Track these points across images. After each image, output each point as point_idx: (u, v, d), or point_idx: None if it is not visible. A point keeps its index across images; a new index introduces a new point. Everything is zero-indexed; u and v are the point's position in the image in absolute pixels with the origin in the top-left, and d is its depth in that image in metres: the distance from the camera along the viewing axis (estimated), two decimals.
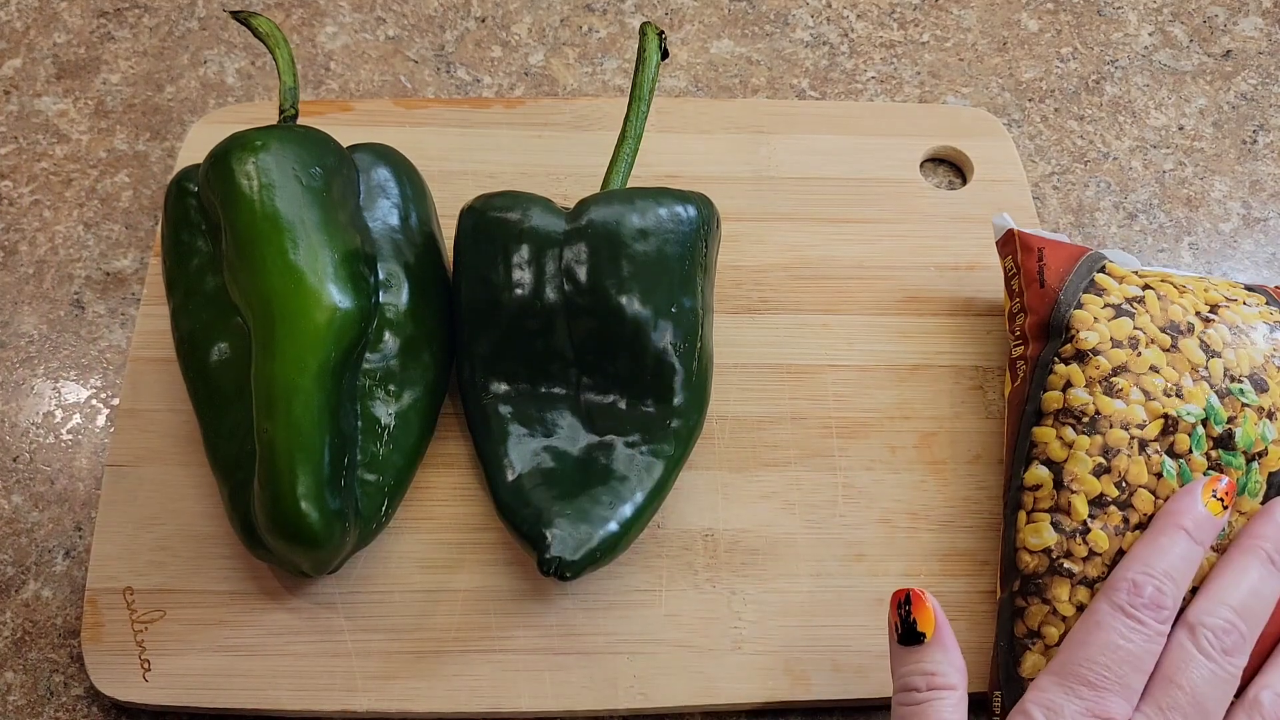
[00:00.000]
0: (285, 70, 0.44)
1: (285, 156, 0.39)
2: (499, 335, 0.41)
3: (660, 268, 0.40)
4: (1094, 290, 0.43)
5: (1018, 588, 0.40)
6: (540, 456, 0.41)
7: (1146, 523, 0.39)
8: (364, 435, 0.40)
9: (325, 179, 0.40)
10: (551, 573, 0.38)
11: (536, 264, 0.40)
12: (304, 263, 0.38)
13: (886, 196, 0.52)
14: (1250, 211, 0.55)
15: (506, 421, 0.41)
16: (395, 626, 0.41)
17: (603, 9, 0.60)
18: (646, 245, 0.40)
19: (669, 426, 0.41)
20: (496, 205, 0.42)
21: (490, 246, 0.41)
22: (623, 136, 0.44)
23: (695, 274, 0.41)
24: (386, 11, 0.59)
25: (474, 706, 0.40)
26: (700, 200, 0.42)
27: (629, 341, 0.40)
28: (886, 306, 0.49)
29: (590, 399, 0.42)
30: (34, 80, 0.56)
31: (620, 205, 0.40)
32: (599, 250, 0.40)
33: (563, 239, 0.40)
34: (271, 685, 0.40)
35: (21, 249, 0.51)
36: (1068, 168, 0.56)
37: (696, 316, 0.41)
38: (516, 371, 0.42)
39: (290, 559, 0.38)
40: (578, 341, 0.41)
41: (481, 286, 0.41)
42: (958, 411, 0.47)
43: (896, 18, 0.60)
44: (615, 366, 0.41)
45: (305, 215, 0.39)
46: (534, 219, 0.41)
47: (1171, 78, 0.59)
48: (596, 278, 0.40)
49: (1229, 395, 0.41)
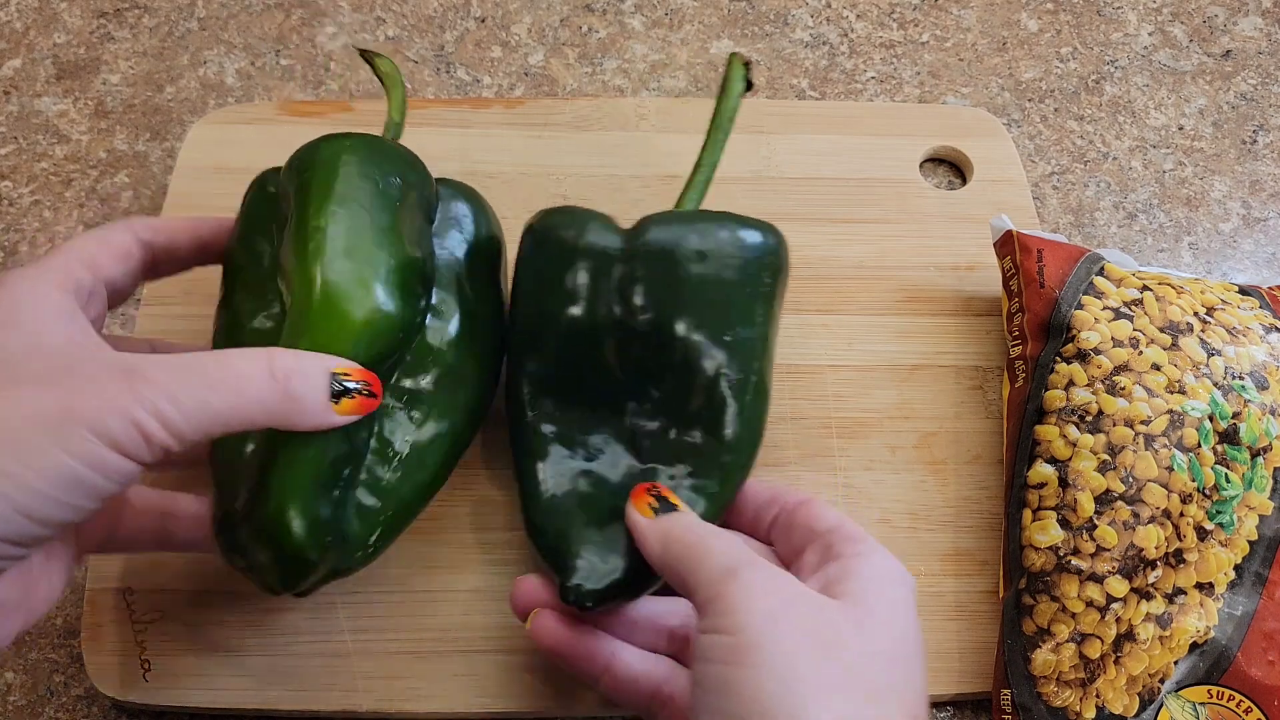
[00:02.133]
0: (395, 108, 0.44)
1: (370, 159, 0.38)
2: (551, 354, 0.40)
3: (718, 293, 0.38)
4: (1093, 292, 0.43)
5: (1024, 585, 0.40)
6: (578, 480, 0.39)
7: (1158, 516, 0.39)
8: (374, 456, 0.37)
9: (402, 191, 0.39)
10: (571, 601, 0.36)
11: (592, 282, 0.39)
12: (359, 256, 0.36)
13: (886, 196, 0.52)
14: (1250, 211, 0.55)
15: (548, 441, 0.40)
16: (395, 626, 0.41)
17: (602, 9, 0.60)
18: (704, 268, 0.38)
19: (717, 460, 0.39)
20: (555, 222, 0.40)
21: (548, 263, 0.40)
22: (698, 164, 0.43)
23: (756, 303, 0.39)
24: (386, 12, 0.59)
25: (474, 706, 0.40)
26: (767, 229, 0.40)
27: (679, 366, 0.38)
28: (886, 306, 0.49)
29: (637, 424, 0.40)
30: (34, 81, 0.56)
31: (680, 226, 0.39)
32: (654, 270, 0.38)
33: (619, 257, 0.39)
34: (271, 685, 0.40)
35: (21, 249, 0.51)
36: (1067, 168, 0.56)
37: (754, 348, 0.39)
38: (565, 391, 0.40)
39: (260, 562, 0.35)
40: (628, 364, 0.39)
41: (537, 303, 0.40)
42: (958, 411, 0.47)
43: (896, 18, 0.60)
44: (664, 391, 0.39)
45: (373, 215, 0.37)
46: (591, 236, 0.39)
47: (1171, 78, 0.59)
48: (650, 298, 0.38)
49: (1232, 391, 0.41)
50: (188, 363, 0.29)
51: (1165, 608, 0.40)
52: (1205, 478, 0.40)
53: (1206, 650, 0.40)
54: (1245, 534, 0.40)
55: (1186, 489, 0.40)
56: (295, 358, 0.31)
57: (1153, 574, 0.39)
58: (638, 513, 0.35)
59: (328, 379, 0.32)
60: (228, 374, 0.30)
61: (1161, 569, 0.39)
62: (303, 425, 0.32)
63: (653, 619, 0.38)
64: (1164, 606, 0.40)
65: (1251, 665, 0.40)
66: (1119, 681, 0.39)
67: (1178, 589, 0.40)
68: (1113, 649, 0.39)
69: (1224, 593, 0.40)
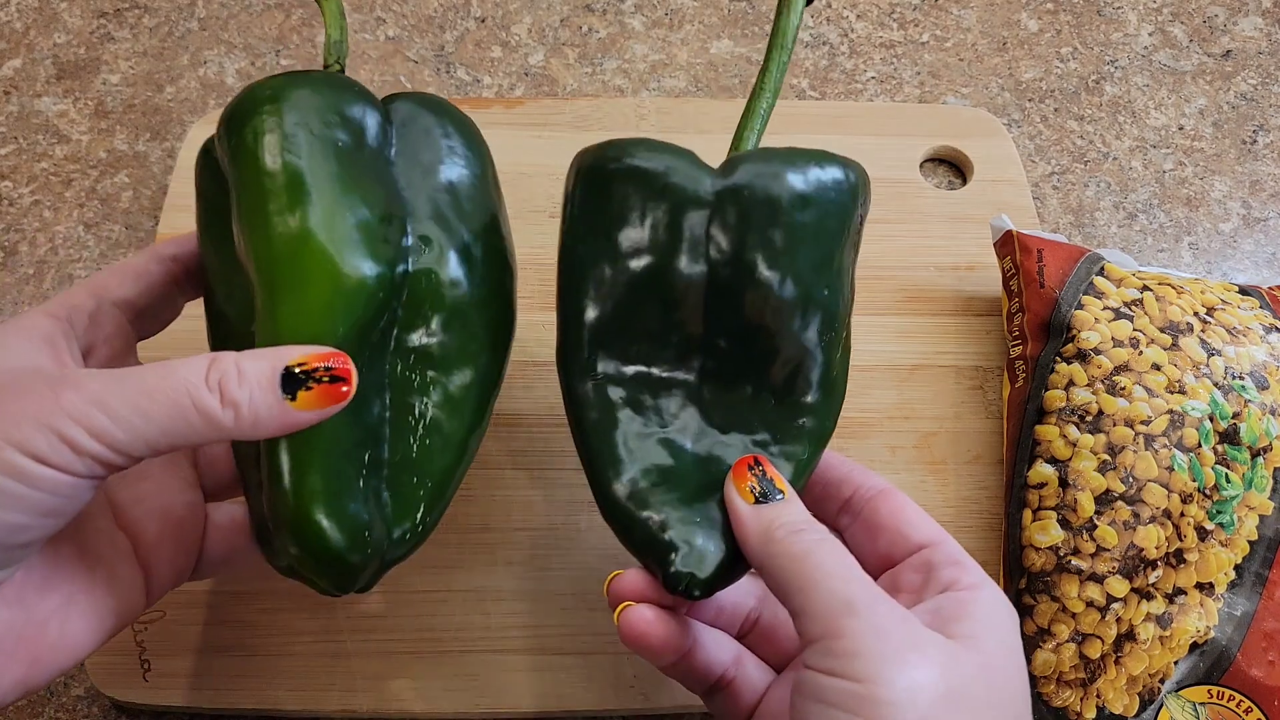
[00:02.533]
0: (332, 22, 0.38)
1: (300, 105, 0.34)
2: (616, 305, 0.35)
3: (817, 244, 0.34)
4: (1093, 292, 0.43)
5: (1024, 585, 0.40)
6: (657, 451, 0.35)
7: (1159, 516, 0.39)
8: (394, 430, 0.34)
9: (346, 129, 0.34)
10: (680, 591, 0.33)
11: (673, 226, 0.34)
12: (314, 223, 0.32)
13: (887, 196, 0.52)
14: (1250, 211, 0.55)
15: (616, 407, 0.35)
16: (395, 626, 0.41)
17: (602, 9, 0.60)
18: (806, 215, 0.34)
19: (801, 425, 0.35)
20: (629, 153, 0.35)
21: (615, 202, 0.35)
22: (758, 89, 0.37)
23: (847, 254, 0.36)
24: (386, 11, 0.59)
25: (474, 706, 0.40)
26: (858, 168, 0.36)
27: (769, 325, 0.34)
28: (886, 306, 0.49)
29: (713, 387, 0.36)
30: (34, 81, 0.56)
31: (780, 165, 0.34)
32: (752, 216, 0.34)
33: (712, 201, 0.34)
34: (271, 685, 0.40)
35: (22, 249, 0.51)
36: (1068, 168, 0.56)
37: (844, 303, 0.36)
38: (632, 349, 0.35)
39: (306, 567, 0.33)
40: (708, 322, 0.35)
41: (601, 247, 0.35)
42: (957, 411, 0.47)
43: (896, 18, 0.60)
44: (749, 353, 0.35)
45: (317, 168, 0.33)
46: (678, 174, 0.34)
47: (1171, 78, 0.59)
48: (747, 247, 0.34)
49: (1232, 391, 0.41)
50: (129, 372, 0.28)
51: (1165, 608, 0.40)
52: (1205, 478, 0.40)
53: (1207, 650, 0.40)
54: (1245, 534, 0.40)
55: (1187, 489, 0.40)
56: (235, 358, 0.28)
57: (1153, 574, 0.39)
58: (739, 496, 0.33)
59: (276, 376, 0.28)
60: (164, 382, 0.27)
61: (1162, 569, 0.39)
62: (259, 432, 0.28)
63: (735, 604, 0.36)
64: (1164, 606, 0.40)
65: (1252, 665, 0.40)
66: (1119, 682, 0.39)
67: (1178, 589, 0.40)
68: (1113, 649, 0.39)
69: (1224, 593, 0.40)
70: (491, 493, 0.44)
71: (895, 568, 0.34)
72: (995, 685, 0.29)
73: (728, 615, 0.36)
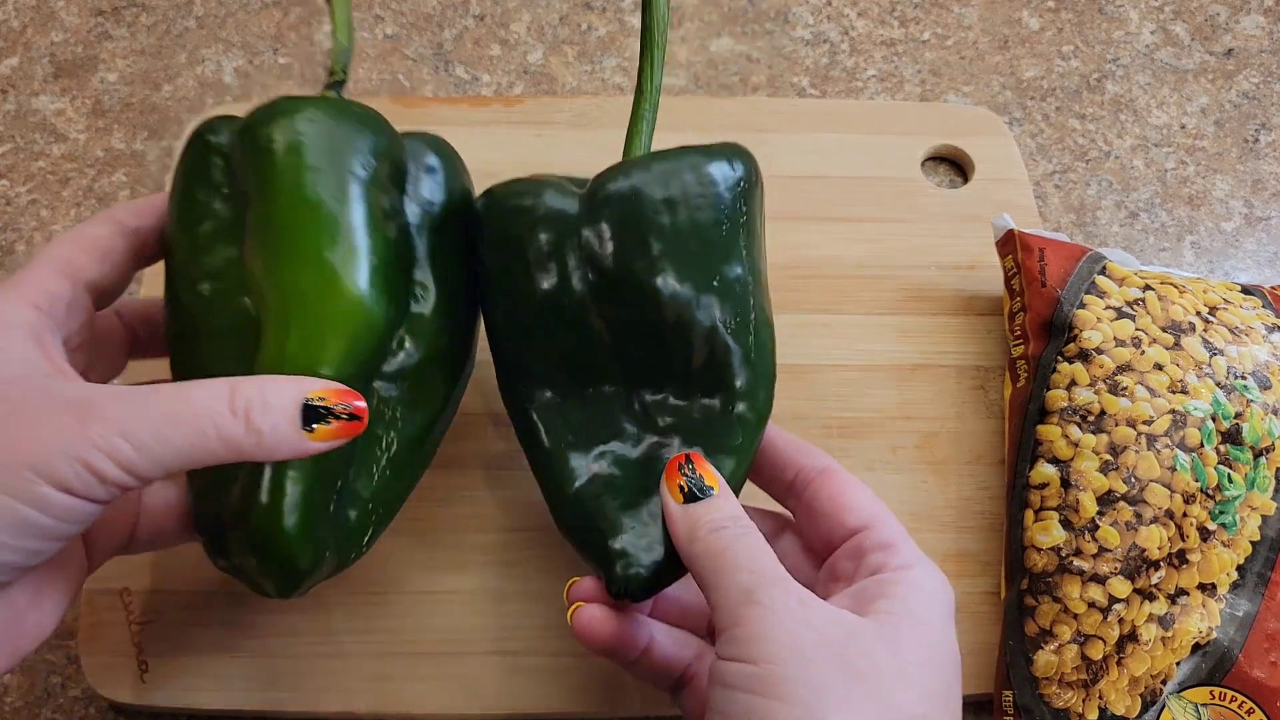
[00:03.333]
0: (340, 28, 0.38)
1: (336, 136, 0.34)
2: (531, 337, 0.37)
3: (695, 238, 0.35)
4: (1095, 292, 0.43)
5: (1026, 586, 0.40)
6: (599, 463, 0.37)
7: (1161, 517, 0.39)
8: (361, 456, 0.35)
9: (374, 165, 0.35)
10: (619, 594, 0.34)
11: (557, 252, 0.36)
12: (338, 261, 0.33)
13: (887, 195, 0.52)
14: (1252, 210, 0.55)
15: (558, 431, 0.37)
16: (395, 627, 0.41)
17: (601, 7, 0.60)
18: (675, 216, 0.35)
19: (733, 412, 0.36)
20: (510, 191, 0.37)
21: (508, 239, 0.37)
22: (639, 92, 0.38)
23: (737, 237, 0.36)
24: (385, 10, 0.59)
25: (474, 707, 0.40)
26: (732, 153, 0.36)
27: (673, 326, 0.35)
28: (887, 306, 0.49)
29: (642, 395, 0.37)
30: (31, 79, 0.56)
31: (639, 174, 0.35)
32: (621, 228, 0.35)
33: (579, 220, 0.36)
34: (271, 685, 0.40)
35: (19, 249, 0.51)
36: (1069, 166, 0.55)
37: (745, 285, 0.36)
38: (557, 375, 0.37)
39: (251, 569, 0.34)
40: (616, 332, 0.36)
41: (504, 284, 0.37)
42: (959, 411, 0.46)
43: (897, 15, 0.60)
44: (662, 355, 0.36)
45: (348, 207, 0.34)
46: (548, 202, 0.36)
47: (1173, 76, 0.59)
48: (623, 260, 0.35)
49: (1234, 391, 0.41)
50: (145, 396, 0.28)
51: (1168, 608, 0.39)
52: (1208, 478, 0.40)
53: (1209, 651, 0.40)
54: (1248, 534, 0.40)
55: (1189, 489, 0.40)
56: (259, 387, 0.29)
57: (1155, 575, 0.39)
58: (670, 496, 0.34)
59: (297, 408, 0.29)
60: (186, 408, 0.28)
61: (1164, 569, 0.39)
62: (275, 458, 0.29)
63: (700, 603, 0.37)
64: (1166, 607, 0.39)
65: (1254, 666, 0.40)
66: (1121, 683, 0.39)
67: (1180, 590, 0.40)
68: (1115, 650, 0.39)
69: (1226, 593, 0.40)
70: (491, 493, 0.44)
71: (834, 554, 0.34)
72: (909, 659, 0.30)
73: (693, 614, 0.37)
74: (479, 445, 0.45)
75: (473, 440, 0.44)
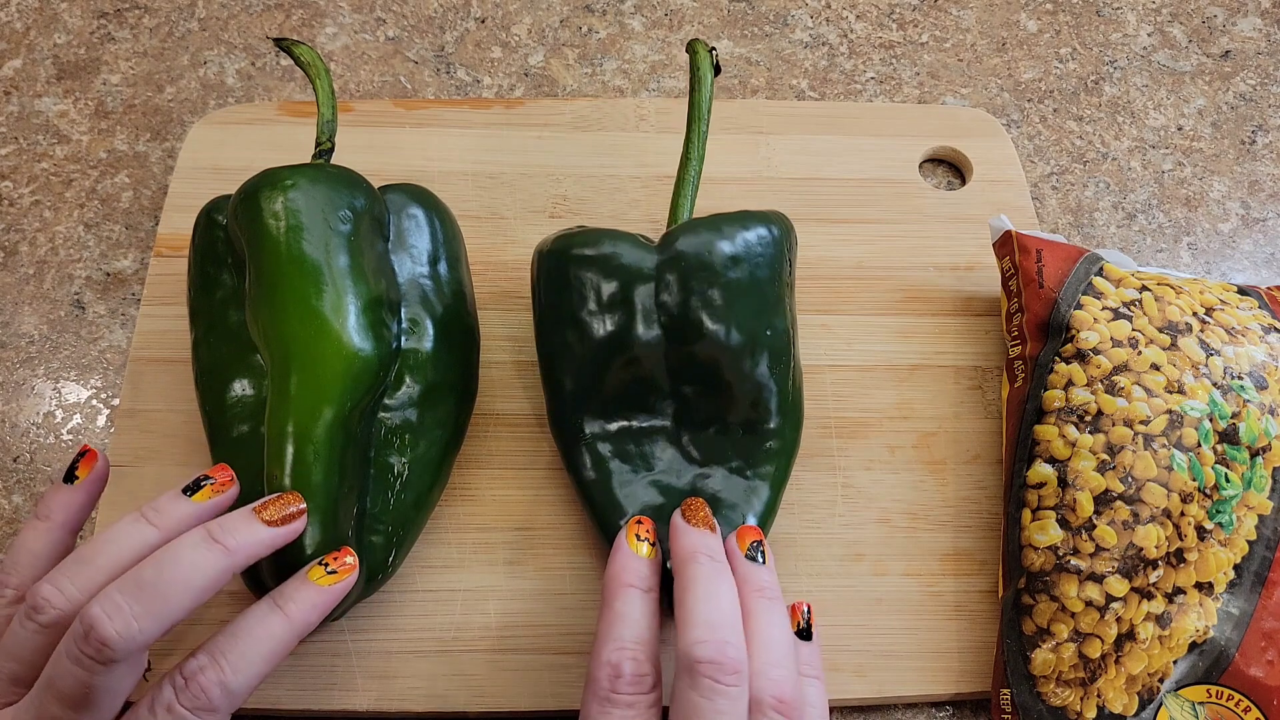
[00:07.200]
0: (324, 102, 0.43)
1: (315, 197, 0.39)
2: (589, 372, 0.41)
3: (753, 293, 0.40)
4: (1092, 293, 0.43)
5: (1023, 585, 0.40)
6: (649, 492, 0.40)
7: (1158, 516, 0.39)
8: (375, 484, 0.39)
9: (354, 222, 0.39)
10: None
11: (626, 299, 0.40)
12: (326, 309, 0.37)
13: (886, 197, 0.52)
14: (1249, 212, 0.55)
15: (607, 460, 0.41)
16: (395, 626, 0.41)
17: (602, 10, 0.60)
18: (738, 272, 0.39)
19: (769, 448, 0.41)
20: (580, 242, 0.41)
21: (575, 284, 0.40)
22: (685, 160, 0.43)
23: (783, 294, 0.41)
24: (386, 12, 0.59)
25: (474, 706, 0.40)
26: (779, 219, 0.41)
27: (727, 371, 0.40)
28: (886, 306, 0.49)
29: (689, 428, 0.41)
30: (34, 81, 0.56)
31: (709, 233, 0.40)
32: (692, 281, 0.39)
33: (654, 273, 0.40)
34: (271, 685, 0.40)
35: (22, 249, 0.51)
36: (1067, 168, 0.56)
37: (787, 337, 0.41)
38: (611, 408, 0.41)
39: None
40: (671, 373, 0.40)
41: (569, 325, 0.40)
42: (957, 411, 0.47)
43: (895, 18, 0.60)
44: (712, 396, 0.40)
45: (331, 260, 0.38)
46: (623, 255, 0.40)
47: (1170, 78, 0.59)
48: (691, 309, 0.39)
49: (1231, 391, 0.41)
50: None
51: (1165, 607, 0.40)
52: (1205, 477, 0.40)
53: (1205, 650, 0.40)
54: (1244, 533, 0.40)
55: (1186, 488, 0.40)
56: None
57: (1153, 573, 0.39)
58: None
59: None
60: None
61: (1161, 568, 0.40)
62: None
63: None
64: (1164, 606, 0.40)
65: (1250, 665, 0.40)
66: (1118, 681, 0.39)
67: (1177, 588, 0.40)
68: (1112, 648, 0.39)
69: (1223, 592, 0.40)
70: (491, 493, 0.44)
71: None
72: None
73: None
74: (479, 445, 0.45)
75: (473, 440, 0.45)
